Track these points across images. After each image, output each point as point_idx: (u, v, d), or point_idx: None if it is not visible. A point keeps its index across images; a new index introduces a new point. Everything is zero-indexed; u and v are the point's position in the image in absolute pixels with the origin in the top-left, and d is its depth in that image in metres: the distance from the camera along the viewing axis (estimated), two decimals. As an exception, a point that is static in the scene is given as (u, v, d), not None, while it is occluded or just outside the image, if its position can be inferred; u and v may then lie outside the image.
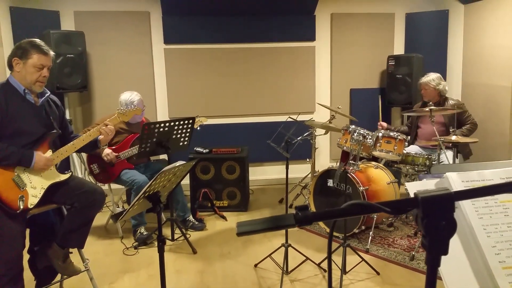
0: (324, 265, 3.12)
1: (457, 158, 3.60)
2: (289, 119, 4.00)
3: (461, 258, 1.09)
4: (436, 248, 0.73)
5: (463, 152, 3.99)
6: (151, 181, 2.11)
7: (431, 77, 4.02)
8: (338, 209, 0.80)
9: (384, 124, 4.25)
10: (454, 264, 1.08)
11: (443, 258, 0.75)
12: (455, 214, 1.15)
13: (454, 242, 1.11)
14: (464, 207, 1.14)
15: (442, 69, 5.17)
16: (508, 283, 1.04)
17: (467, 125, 3.95)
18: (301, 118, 4.18)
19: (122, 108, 3.52)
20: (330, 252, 0.97)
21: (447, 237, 0.72)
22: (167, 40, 4.96)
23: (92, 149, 2.85)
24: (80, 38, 4.41)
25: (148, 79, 4.96)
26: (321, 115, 5.19)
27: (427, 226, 0.72)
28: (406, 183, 1.24)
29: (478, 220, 1.13)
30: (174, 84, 5.03)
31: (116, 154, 3.69)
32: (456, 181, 1.18)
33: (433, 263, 0.74)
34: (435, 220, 0.71)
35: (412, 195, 0.75)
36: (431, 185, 1.21)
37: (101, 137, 2.69)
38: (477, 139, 3.61)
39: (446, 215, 0.71)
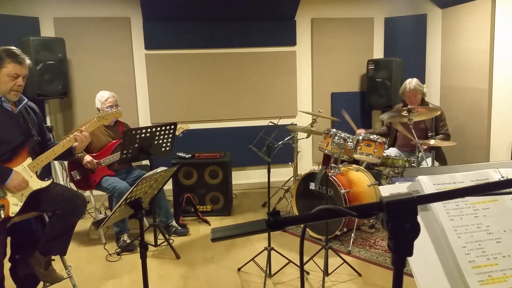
0: (307, 267, 3.15)
1: (436, 162, 3.67)
2: (270, 124, 4.04)
3: (433, 258, 1.13)
4: (401, 250, 0.76)
5: (438, 159, 4.02)
6: (133, 187, 2.12)
7: (416, 82, 3.95)
8: (308, 214, 0.83)
9: (362, 131, 4.26)
10: (426, 264, 1.11)
11: (415, 257, 0.78)
12: (427, 216, 1.19)
13: (426, 243, 1.15)
14: (436, 209, 1.18)
15: (420, 73, 5.29)
16: (477, 282, 1.09)
17: (440, 135, 3.97)
18: (283, 122, 4.22)
19: (100, 111, 3.50)
20: (302, 254, 1.00)
21: (411, 239, 0.75)
22: (148, 46, 4.95)
23: (67, 157, 2.82)
24: (60, 44, 4.37)
25: (130, 85, 4.94)
26: (303, 119, 5.25)
27: (392, 229, 0.75)
28: (380, 187, 1.27)
29: (449, 222, 1.17)
30: (156, 89, 5.02)
31: (97, 161, 3.67)
32: (428, 184, 1.22)
33: (399, 264, 0.77)
34: (399, 223, 0.75)
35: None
36: (403, 188, 1.25)
37: (76, 144, 2.66)
38: (455, 143, 3.69)
39: (409, 218, 0.75)
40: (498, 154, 4.27)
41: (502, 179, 1.26)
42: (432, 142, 3.60)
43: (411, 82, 3.98)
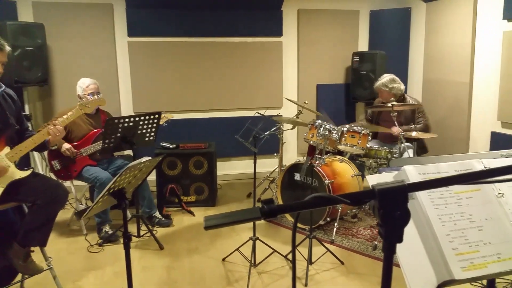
0: (291, 256, 3.18)
1: (416, 153, 3.74)
2: (257, 114, 4.03)
3: (418, 246, 1.15)
4: (391, 236, 0.77)
5: (420, 150, 4.11)
6: (116, 177, 2.08)
7: (383, 81, 4.04)
8: (302, 202, 0.83)
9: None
10: (411, 251, 1.13)
11: (401, 246, 0.79)
12: (413, 205, 1.21)
13: (412, 231, 1.17)
14: (421, 198, 1.20)
15: (404, 66, 5.35)
16: (460, 268, 1.11)
17: (419, 125, 4.04)
18: (268, 113, 4.22)
19: (82, 98, 3.42)
20: (294, 243, 1.00)
21: (401, 226, 0.76)
22: (131, 33, 4.85)
23: (41, 149, 2.76)
24: (39, 30, 4.25)
25: (112, 73, 4.84)
26: (289, 110, 5.26)
27: (383, 216, 0.76)
28: (367, 176, 1.28)
29: (434, 211, 1.19)
30: (139, 78, 4.94)
31: (78, 150, 3.59)
32: (413, 173, 1.24)
33: (389, 250, 0.78)
34: (390, 210, 0.75)
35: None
36: (390, 178, 1.26)
37: (49, 137, 2.59)
38: (435, 135, 3.77)
39: (400, 206, 0.75)
40: (477, 146, 4.37)
41: (484, 168, 1.29)
42: (414, 134, 3.66)
43: (380, 80, 4.09)
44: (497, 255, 1.15)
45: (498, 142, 4.05)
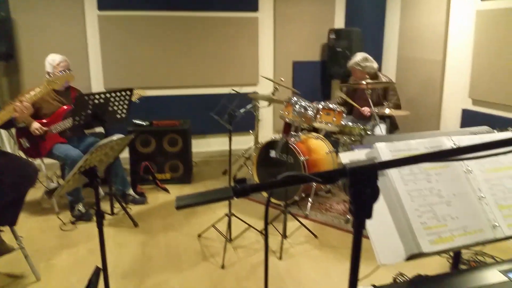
0: (266, 233, 3.23)
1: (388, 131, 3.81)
2: (232, 91, 3.99)
3: (388, 220, 1.18)
4: (361, 213, 0.78)
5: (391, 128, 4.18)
6: (86, 156, 2.03)
7: (356, 60, 4.07)
8: (274, 181, 0.83)
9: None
10: (381, 225, 1.16)
11: (371, 220, 0.80)
12: (383, 181, 1.23)
13: (382, 206, 1.20)
14: (392, 174, 1.22)
15: (379, 44, 5.37)
16: (427, 242, 1.15)
17: (392, 102, 4.08)
18: (244, 90, 4.18)
19: (51, 75, 3.29)
20: (266, 221, 1.01)
21: (371, 203, 0.77)
22: (101, 6, 4.65)
23: (8, 127, 2.66)
24: (2, 2, 4.02)
25: (81, 48, 4.65)
26: (264, 87, 5.22)
27: (353, 194, 0.77)
28: (340, 153, 1.29)
29: (404, 187, 1.21)
30: (110, 53, 4.78)
31: (47, 128, 3.48)
32: (385, 151, 1.26)
33: (359, 226, 0.80)
34: (360, 188, 0.76)
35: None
36: (362, 155, 1.28)
37: (16, 114, 2.49)
38: (408, 112, 3.84)
39: (370, 183, 0.76)
40: (448, 123, 4.48)
41: (454, 145, 1.32)
42: (387, 111, 3.72)
43: (353, 58, 4.11)
44: (463, 229, 1.19)
45: (469, 119, 4.16)
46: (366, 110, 3.84)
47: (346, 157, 1.26)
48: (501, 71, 3.73)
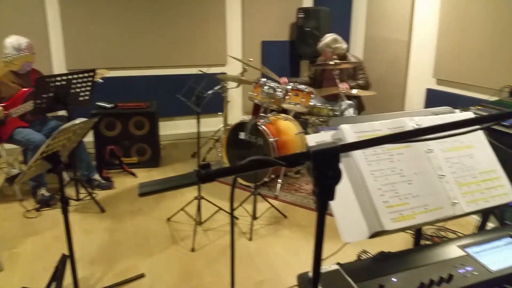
0: (237, 213, 3.24)
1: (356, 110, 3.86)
2: (200, 72, 3.92)
3: (351, 199, 1.21)
4: (324, 195, 0.79)
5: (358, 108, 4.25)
6: (48, 141, 1.95)
7: (326, 41, 4.12)
8: (239, 165, 0.82)
9: (285, 79, 4.29)
10: (345, 204, 1.19)
11: (337, 200, 0.81)
12: (347, 162, 1.25)
13: (346, 186, 1.22)
14: (356, 155, 1.24)
15: (347, 23, 5.39)
16: (390, 220, 1.18)
17: (360, 81, 4.15)
18: (212, 70, 4.11)
19: (8, 54, 3.12)
20: (232, 204, 1.01)
21: (333, 185, 0.78)
22: (60, -18, 4.43)
23: None
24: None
25: (40, 27, 4.42)
26: (233, 68, 5.16)
27: (317, 176, 0.77)
28: (306, 136, 1.30)
29: (367, 166, 1.24)
30: (72, 32, 4.57)
31: (7, 112, 3.32)
32: (349, 132, 1.28)
33: (322, 208, 0.81)
34: (323, 170, 0.77)
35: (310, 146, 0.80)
36: (328, 137, 1.29)
37: None
38: (375, 92, 3.90)
39: (333, 166, 0.77)
40: (413, 103, 4.60)
41: (415, 126, 1.36)
42: (354, 91, 3.76)
43: (323, 40, 4.16)
44: (424, 207, 1.23)
45: (433, 98, 4.27)
46: (343, 85, 3.84)
47: (312, 139, 1.27)
48: (465, 52, 3.83)
